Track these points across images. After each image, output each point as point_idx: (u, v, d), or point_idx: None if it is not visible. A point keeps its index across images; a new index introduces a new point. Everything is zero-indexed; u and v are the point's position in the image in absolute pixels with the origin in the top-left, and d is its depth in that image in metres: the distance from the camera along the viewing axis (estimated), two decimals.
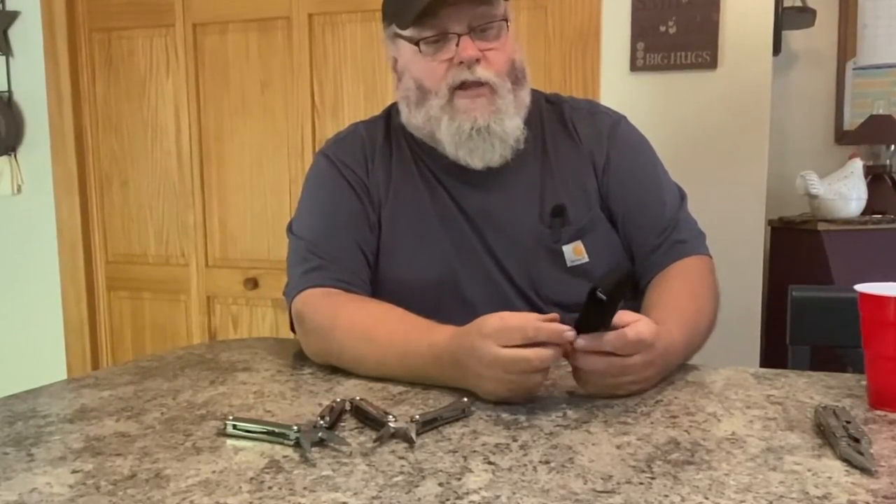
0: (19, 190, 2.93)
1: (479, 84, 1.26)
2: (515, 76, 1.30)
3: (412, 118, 1.33)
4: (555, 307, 1.26)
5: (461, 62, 1.25)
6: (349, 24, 2.53)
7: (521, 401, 1.00)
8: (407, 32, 1.28)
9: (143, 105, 2.81)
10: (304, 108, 2.60)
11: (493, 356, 0.97)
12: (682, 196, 1.41)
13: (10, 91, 2.89)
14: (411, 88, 1.31)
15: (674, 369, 1.13)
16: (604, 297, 0.93)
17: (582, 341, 0.97)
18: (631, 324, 0.99)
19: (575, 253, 1.31)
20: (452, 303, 1.29)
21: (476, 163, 1.29)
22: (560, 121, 1.39)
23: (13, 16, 2.85)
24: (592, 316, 0.96)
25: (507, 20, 1.29)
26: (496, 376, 0.98)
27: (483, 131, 1.26)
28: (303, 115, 2.60)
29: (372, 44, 2.50)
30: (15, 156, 2.91)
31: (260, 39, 2.64)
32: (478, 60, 1.25)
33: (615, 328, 0.98)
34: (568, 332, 0.96)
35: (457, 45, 1.25)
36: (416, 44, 1.28)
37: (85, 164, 2.89)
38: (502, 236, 1.32)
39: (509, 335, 0.96)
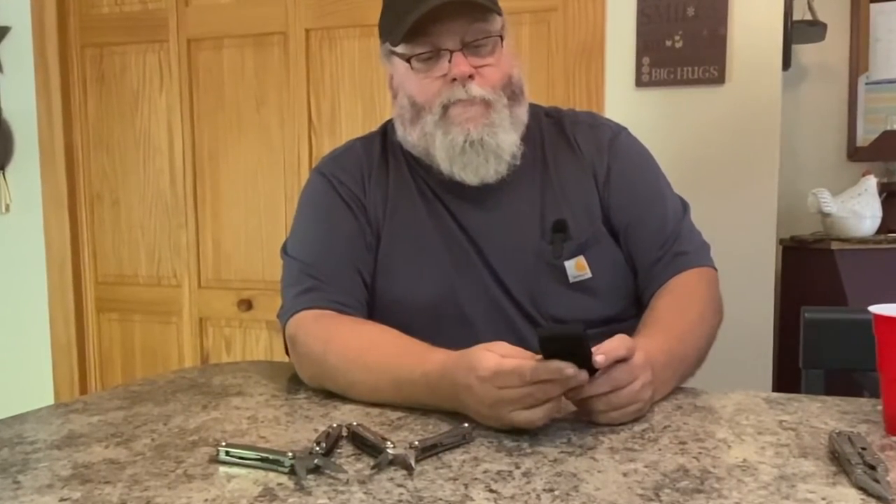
0: (7, 209, 2.90)
1: (473, 101, 1.24)
2: (512, 91, 1.29)
3: (407, 135, 1.32)
4: (556, 324, 1.24)
5: (454, 79, 1.23)
6: (346, 39, 2.51)
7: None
8: (399, 49, 1.27)
9: (135, 122, 2.79)
10: (300, 124, 2.58)
11: (494, 398, 0.94)
12: (685, 207, 1.39)
13: None
14: (406, 106, 1.30)
15: (669, 380, 1.10)
16: (543, 334, 0.92)
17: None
18: (607, 350, 0.96)
19: (577, 268, 1.29)
20: (452, 321, 1.27)
21: (470, 178, 1.28)
22: (560, 134, 1.38)
23: (3, 31, 2.83)
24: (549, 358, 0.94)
25: (501, 36, 1.28)
26: (497, 415, 0.95)
27: (476, 144, 1.25)
28: (299, 133, 2.58)
29: (370, 59, 2.48)
30: (3, 174, 2.88)
31: (255, 55, 2.62)
32: (471, 76, 1.24)
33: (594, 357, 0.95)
34: (568, 368, 0.91)
35: (449, 61, 1.23)
36: (409, 60, 1.27)
37: (75, 182, 2.86)
38: (502, 253, 1.30)
39: (506, 379, 0.93)
